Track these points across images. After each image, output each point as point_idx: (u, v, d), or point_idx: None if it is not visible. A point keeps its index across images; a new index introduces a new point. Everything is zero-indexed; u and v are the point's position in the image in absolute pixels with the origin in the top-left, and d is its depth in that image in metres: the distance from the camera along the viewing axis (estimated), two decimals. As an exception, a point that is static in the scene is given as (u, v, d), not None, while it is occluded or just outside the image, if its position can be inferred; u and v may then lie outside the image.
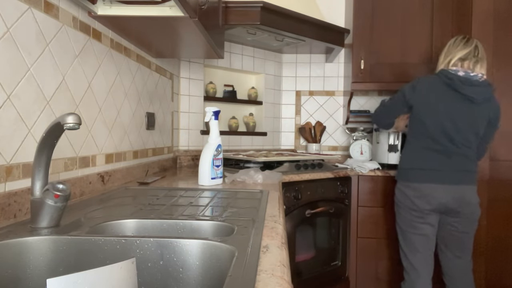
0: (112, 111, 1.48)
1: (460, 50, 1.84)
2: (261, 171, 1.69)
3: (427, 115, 1.82)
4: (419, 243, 1.85)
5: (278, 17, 2.21)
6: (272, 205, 1.13)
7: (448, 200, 1.79)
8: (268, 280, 0.55)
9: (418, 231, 1.85)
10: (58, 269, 0.74)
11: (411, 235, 1.87)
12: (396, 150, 2.43)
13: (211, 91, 2.63)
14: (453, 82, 1.77)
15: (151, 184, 1.56)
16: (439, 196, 1.79)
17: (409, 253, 1.88)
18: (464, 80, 1.77)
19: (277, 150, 3.01)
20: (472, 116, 1.80)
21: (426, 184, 1.81)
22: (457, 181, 1.80)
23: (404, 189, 1.89)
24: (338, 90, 3.06)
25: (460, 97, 1.78)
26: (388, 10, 2.57)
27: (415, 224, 1.85)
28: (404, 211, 1.89)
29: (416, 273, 1.85)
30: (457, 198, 1.78)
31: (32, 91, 0.99)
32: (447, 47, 1.91)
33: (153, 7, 1.26)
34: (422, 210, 1.82)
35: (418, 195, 1.82)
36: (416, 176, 1.84)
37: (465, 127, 1.80)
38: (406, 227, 1.89)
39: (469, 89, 1.76)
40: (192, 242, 0.74)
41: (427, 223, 1.83)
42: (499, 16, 2.23)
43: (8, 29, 0.90)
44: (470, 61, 1.82)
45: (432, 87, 1.83)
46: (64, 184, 0.81)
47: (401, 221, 1.92)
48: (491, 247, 2.23)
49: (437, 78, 1.84)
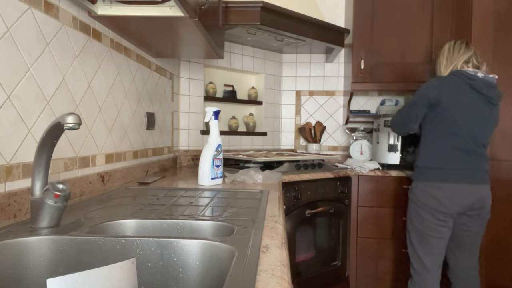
0: (112, 111, 1.48)
1: (463, 54, 1.86)
2: (261, 171, 1.69)
3: (457, 114, 1.78)
4: (436, 247, 1.81)
5: (278, 17, 2.21)
6: (272, 205, 1.13)
7: (474, 200, 1.77)
8: (268, 280, 0.55)
9: (438, 235, 1.80)
10: (58, 269, 0.74)
11: (430, 238, 1.81)
12: (396, 150, 2.43)
13: (211, 91, 2.63)
14: (476, 83, 1.77)
15: (151, 184, 1.56)
16: (468, 196, 1.76)
17: (424, 256, 1.83)
18: (485, 82, 1.78)
19: (277, 150, 3.01)
20: (491, 117, 1.82)
21: (457, 185, 1.77)
22: (481, 181, 1.80)
23: (429, 190, 1.80)
24: (338, 90, 3.06)
25: (482, 98, 1.79)
26: (388, 10, 2.57)
27: (436, 227, 1.79)
28: (427, 213, 1.81)
29: (429, 274, 1.82)
30: (481, 197, 1.78)
31: (32, 91, 0.99)
32: (447, 51, 1.91)
33: (153, 7, 1.26)
34: (451, 212, 1.77)
35: (448, 196, 1.76)
36: (446, 176, 1.78)
37: (487, 127, 1.82)
38: (425, 230, 1.82)
39: (490, 91, 1.78)
40: (192, 242, 0.74)
41: (447, 226, 1.80)
42: (499, 16, 2.23)
43: (8, 29, 0.90)
44: (473, 64, 1.85)
45: (456, 87, 1.79)
46: (64, 184, 0.81)
47: (420, 223, 1.84)
48: (491, 247, 2.23)
49: (456, 78, 1.81)
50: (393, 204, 2.36)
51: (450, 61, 1.88)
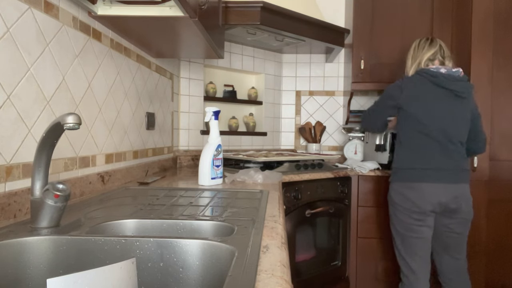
0: (112, 111, 1.48)
1: (426, 51, 1.87)
2: (261, 171, 1.69)
3: (423, 114, 1.80)
4: (418, 247, 1.81)
5: (278, 17, 2.21)
6: (272, 205, 1.13)
7: (449, 200, 1.76)
8: (268, 280, 0.55)
9: (417, 234, 1.80)
10: (58, 269, 0.74)
11: (410, 239, 1.81)
12: (383, 149, 2.42)
13: (211, 91, 2.63)
14: (439, 79, 1.78)
15: (151, 184, 1.56)
16: (441, 196, 1.76)
17: (408, 257, 1.83)
18: (448, 76, 1.79)
19: (277, 150, 3.01)
20: (461, 111, 1.81)
21: (428, 184, 1.77)
22: (457, 180, 1.79)
23: (403, 190, 1.82)
24: (338, 90, 3.06)
25: (448, 94, 1.79)
26: (388, 10, 2.58)
27: (414, 228, 1.80)
28: (403, 214, 1.82)
29: (415, 276, 1.83)
30: (457, 197, 1.77)
31: (32, 91, 0.99)
32: (412, 51, 1.93)
33: (153, 7, 1.26)
34: (424, 211, 1.77)
35: (419, 196, 1.77)
36: (418, 176, 1.79)
37: (459, 122, 1.81)
38: (404, 231, 1.83)
39: (455, 85, 1.78)
40: (192, 242, 0.74)
41: (426, 225, 1.80)
42: (499, 16, 2.23)
43: (8, 29, 0.90)
44: (438, 60, 1.86)
45: (419, 86, 1.82)
46: (64, 184, 0.81)
47: (399, 225, 1.85)
48: (491, 247, 2.23)
49: (420, 77, 1.83)
50: (393, 204, 2.36)
51: (414, 60, 1.90)
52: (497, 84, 2.22)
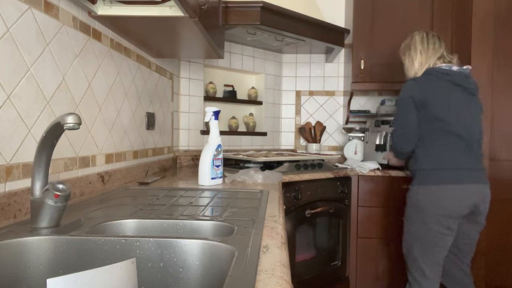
0: (112, 111, 1.48)
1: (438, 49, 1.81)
2: (261, 171, 1.69)
3: (446, 112, 1.70)
4: (439, 256, 1.70)
5: (278, 17, 2.21)
6: (272, 205, 1.13)
7: (480, 200, 1.67)
8: (268, 280, 0.55)
9: (442, 243, 1.68)
10: (58, 269, 0.74)
11: (434, 247, 1.69)
12: (383, 149, 2.42)
13: (211, 91, 2.63)
14: (454, 77, 1.73)
15: (151, 184, 1.56)
16: (475, 197, 1.67)
17: (424, 264, 1.71)
18: (460, 74, 1.76)
19: (277, 150, 3.01)
20: (476, 107, 1.78)
21: (462, 185, 1.66)
22: (483, 180, 1.72)
23: (433, 193, 1.67)
24: (338, 90, 3.06)
25: (463, 90, 1.74)
26: (388, 10, 2.57)
27: (440, 236, 1.67)
28: (431, 219, 1.66)
29: (427, 281, 1.73)
30: (486, 197, 1.70)
31: (32, 91, 0.99)
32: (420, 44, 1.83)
33: (153, 7, 1.26)
34: (457, 215, 1.65)
35: (454, 198, 1.65)
36: (451, 177, 1.67)
37: (477, 120, 1.76)
38: (428, 240, 1.69)
39: (468, 82, 1.75)
40: (192, 242, 0.74)
41: (451, 234, 1.68)
42: (499, 15, 2.23)
43: (8, 29, 0.90)
44: (445, 59, 1.82)
45: (435, 84, 1.74)
46: (64, 184, 0.81)
47: (421, 232, 1.70)
48: (491, 247, 2.23)
49: (433, 76, 1.76)
50: (393, 204, 2.36)
51: (426, 58, 1.81)
52: (497, 84, 2.22)
